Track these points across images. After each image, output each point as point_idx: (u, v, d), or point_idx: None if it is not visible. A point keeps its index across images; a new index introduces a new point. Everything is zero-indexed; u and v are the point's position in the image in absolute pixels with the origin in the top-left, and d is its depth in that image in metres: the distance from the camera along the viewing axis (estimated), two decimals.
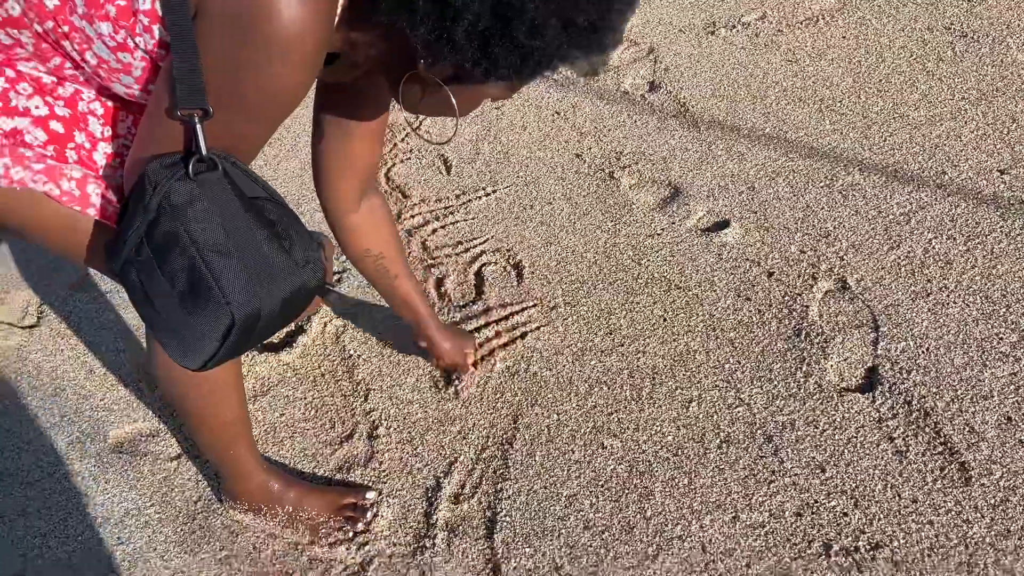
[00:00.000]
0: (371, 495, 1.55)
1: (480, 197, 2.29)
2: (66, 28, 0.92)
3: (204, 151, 0.92)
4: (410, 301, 1.65)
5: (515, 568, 1.44)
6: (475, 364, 1.78)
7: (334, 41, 0.99)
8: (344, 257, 2.13)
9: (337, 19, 0.94)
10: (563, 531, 1.48)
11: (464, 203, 2.27)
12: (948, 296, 1.77)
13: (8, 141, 1.00)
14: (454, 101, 1.02)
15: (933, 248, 1.89)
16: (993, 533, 1.38)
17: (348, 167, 1.41)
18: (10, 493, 1.66)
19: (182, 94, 0.88)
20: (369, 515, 1.53)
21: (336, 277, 1.98)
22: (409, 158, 2.48)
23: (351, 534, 1.50)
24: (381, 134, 1.39)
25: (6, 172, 0.99)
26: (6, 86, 0.99)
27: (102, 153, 1.08)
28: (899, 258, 1.88)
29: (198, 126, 0.90)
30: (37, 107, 1.01)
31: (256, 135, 0.99)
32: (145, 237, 0.93)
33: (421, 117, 2.50)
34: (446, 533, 1.51)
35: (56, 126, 1.03)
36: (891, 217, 1.98)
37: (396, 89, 1.04)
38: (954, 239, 1.90)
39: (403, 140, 2.56)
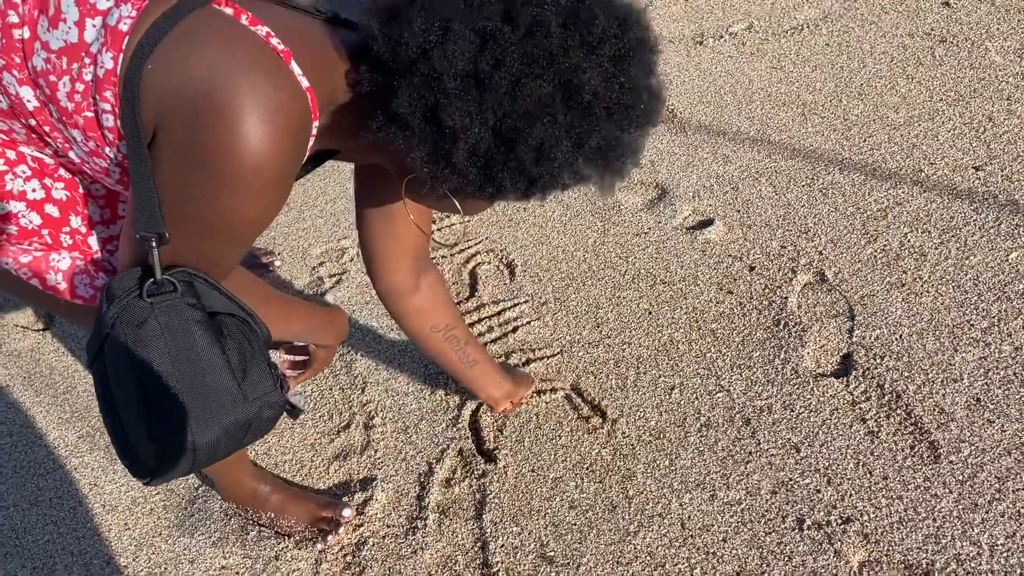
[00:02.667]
0: (347, 512, 1.57)
1: None
2: (47, 128, 0.92)
3: (159, 275, 0.88)
4: (482, 361, 1.56)
5: (502, 546, 1.51)
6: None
7: (327, 143, 0.97)
8: (343, 259, 2.22)
9: (314, 138, 0.91)
10: (548, 511, 1.55)
11: None
12: (922, 286, 1.84)
13: None
14: (459, 207, 0.96)
15: (908, 241, 1.95)
16: (961, 507, 1.44)
17: (398, 247, 1.30)
18: (25, 484, 1.75)
19: (139, 218, 0.86)
20: (342, 530, 1.56)
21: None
22: None
23: (320, 544, 1.55)
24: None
25: None
26: (4, 168, 0.98)
27: (97, 238, 1.07)
28: (875, 251, 1.94)
29: (154, 250, 0.87)
30: (34, 190, 1.00)
31: (225, 254, 0.95)
32: (103, 346, 0.90)
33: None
34: (437, 515, 1.58)
35: (52, 210, 1.02)
36: (868, 213, 2.05)
37: (400, 182, 1.01)
38: (929, 232, 1.96)
39: None
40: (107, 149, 0.90)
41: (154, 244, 0.87)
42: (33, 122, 0.92)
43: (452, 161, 0.83)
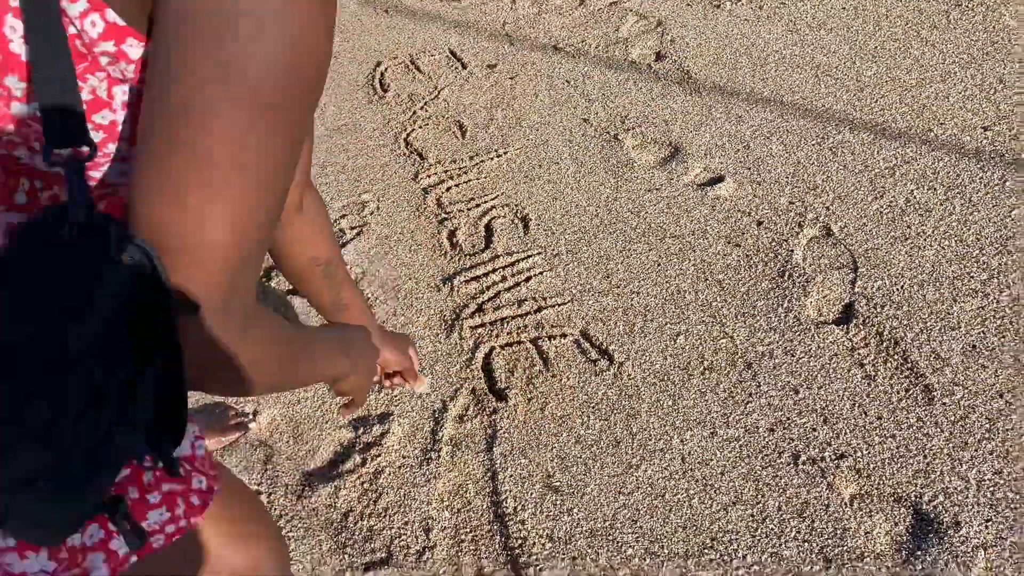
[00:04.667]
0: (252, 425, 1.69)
1: (492, 158, 2.44)
2: None
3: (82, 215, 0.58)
4: (357, 307, 1.23)
5: (511, 476, 1.59)
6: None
7: None
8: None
9: None
10: (556, 446, 1.63)
11: (477, 163, 2.42)
12: (925, 240, 1.89)
13: None
14: None
15: (914, 198, 2.00)
16: (951, 445, 1.50)
17: None
18: None
19: (52, 127, 0.57)
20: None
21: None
22: (427, 124, 2.63)
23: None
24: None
25: None
26: None
27: None
28: (882, 207, 1.99)
29: (76, 177, 0.58)
30: None
31: (266, 202, 0.59)
32: None
33: None
34: (450, 447, 1.66)
35: None
36: (876, 171, 2.09)
37: None
38: (935, 189, 2.01)
39: (422, 108, 2.71)
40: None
41: (73, 166, 0.58)
42: None
43: None
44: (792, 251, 1.93)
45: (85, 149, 0.58)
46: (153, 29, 0.55)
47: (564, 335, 1.85)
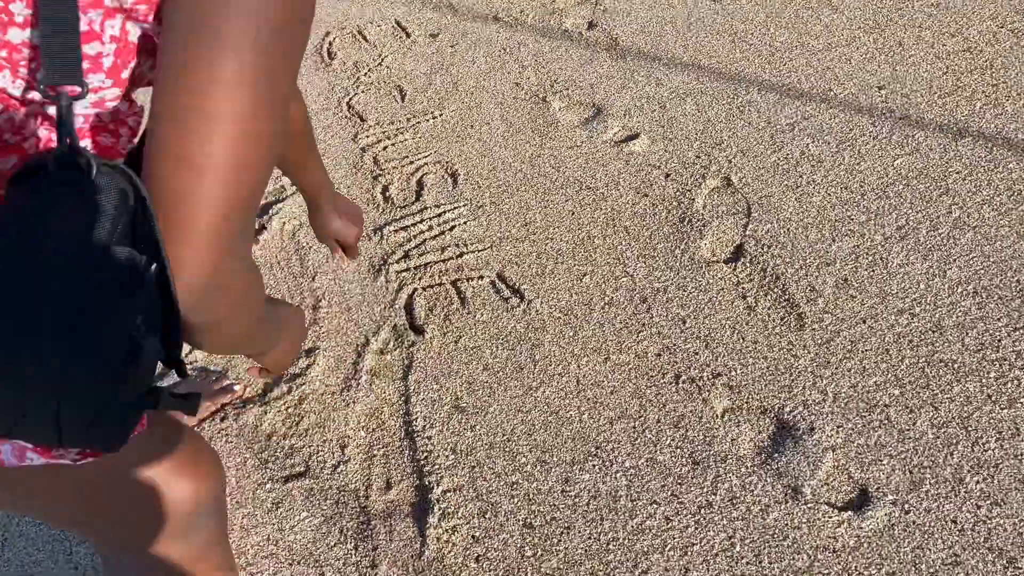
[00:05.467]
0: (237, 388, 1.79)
1: (428, 120, 2.58)
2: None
3: (85, 161, 0.59)
4: (320, 170, 1.25)
5: (423, 399, 1.74)
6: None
7: None
8: None
9: None
10: (465, 372, 1.78)
11: (413, 124, 2.56)
12: (814, 188, 2.05)
13: None
14: None
15: (809, 151, 2.16)
16: (815, 364, 1.67)
17: None
18: None
19: (50, 65, 0.59)
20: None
21: None
22: (369, 89, 2.77)
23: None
24: None
25: None
26: None
27: None
28: (779, 159, 2.15)
29: (67, 110, 0.60)
30: None
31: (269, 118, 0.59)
32: None
33: None
34: (370, 376, 1.81)
35: None
36: (777, 127, 2.25)
37: None
38: (828, 143, 2.17)
39: (365, 74, 2.85)
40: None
41: (65, 103, 0.60)
42: None
43: None
44: (694, 200, 2.09)
45: (77, 88, 0.59)
46: None
47: (481, 277, 2.00)
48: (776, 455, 1.55)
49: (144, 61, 0.65)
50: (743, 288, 1.85)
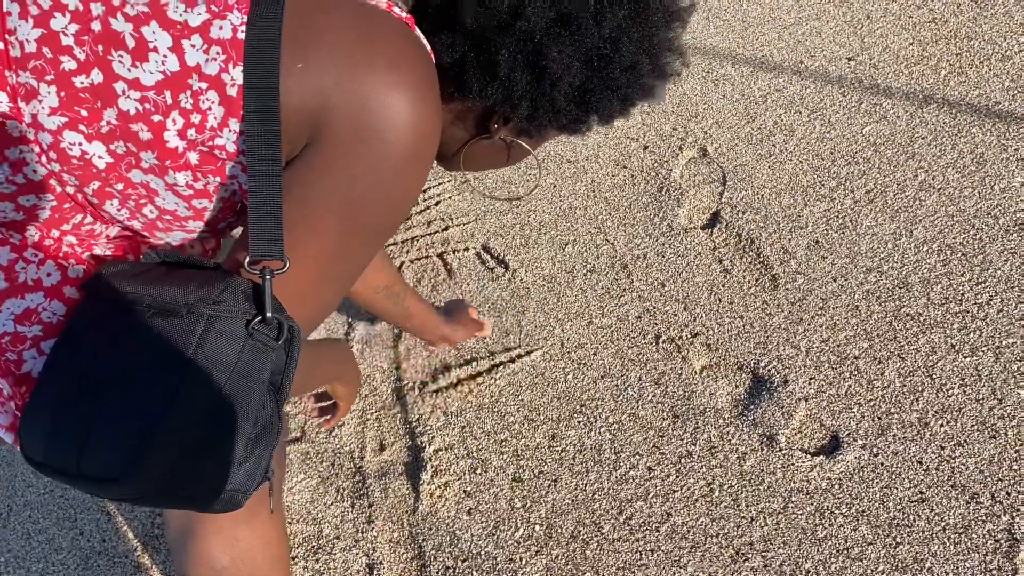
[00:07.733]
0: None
1: None
2: (120, 186, 0.78)
3: (269, 312, 0.74)
4: (419, 312, 1.57)
5: (412, 365, 1.80)
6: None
7: None
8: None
9: None
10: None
11: None
12: (787, 156, 2.12)
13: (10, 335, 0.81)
14: (528, 147, 0.97)
15: (782, 120, 2.23)
16: (789, 321, 1.74)
17: None
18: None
19: (257, 244, 0.73)
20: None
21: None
22: None
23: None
24: None
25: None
26: (12, 256, 0.81)
27: None
28: (752, 130, 2.22)
29: (268, 282, 0.74)
30: (49, 274, 0.83)
31: (354, 269, 0.85)
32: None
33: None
34: (361, 346, 1.87)
35: (71, 292, 0.84)
36: (751, 99, 2.32)
37: (456, 158, 1.00)
38: (800, 113, 2.24)
39: None
40: (220, 181, 0.78)
41: (268, 276, 0.74)
42: (96, 184, 0.78)
43: (555, 105, 0.85)
44: (671, 170, 2.15)
45: (279, 263, 0.75)
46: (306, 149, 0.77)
47: (467, 249, 2.06)
48: (752, 407, 1.62)
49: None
50: (719, 252, 1.92)
